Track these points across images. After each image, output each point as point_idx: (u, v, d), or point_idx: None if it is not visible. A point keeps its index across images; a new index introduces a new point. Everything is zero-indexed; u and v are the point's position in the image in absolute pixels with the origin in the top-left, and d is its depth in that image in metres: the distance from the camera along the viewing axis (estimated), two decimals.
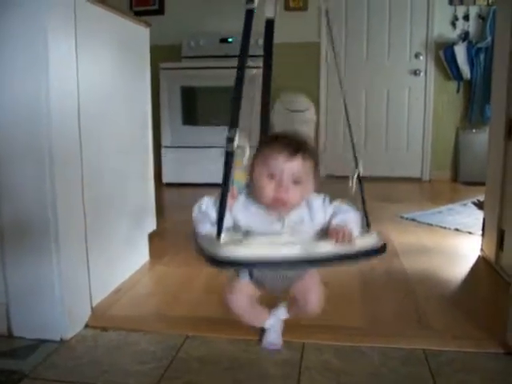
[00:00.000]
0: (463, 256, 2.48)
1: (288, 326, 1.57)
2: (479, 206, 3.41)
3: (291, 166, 1.22)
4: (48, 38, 1.46)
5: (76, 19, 1.61)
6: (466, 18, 4.78)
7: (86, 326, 1.69)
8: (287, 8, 4.98)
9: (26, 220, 1.55)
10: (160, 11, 5.22)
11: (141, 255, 2.31)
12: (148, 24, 2.28)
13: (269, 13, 1.38)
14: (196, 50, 4.97)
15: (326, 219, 1.31)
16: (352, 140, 1.41)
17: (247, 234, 1.28)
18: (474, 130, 4.84)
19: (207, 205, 1.29)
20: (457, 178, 4.96)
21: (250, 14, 1.21)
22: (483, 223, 2.47)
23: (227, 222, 1.23)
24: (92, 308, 1.77)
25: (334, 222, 1.28)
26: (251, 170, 1.30)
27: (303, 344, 1.56)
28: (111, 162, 1.94)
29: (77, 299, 1.67)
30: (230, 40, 4.86)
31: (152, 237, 2.41)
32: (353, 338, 1.60)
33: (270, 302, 1.55)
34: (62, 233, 1.55)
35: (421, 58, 4.98)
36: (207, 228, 1.25)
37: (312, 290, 1.43)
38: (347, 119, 1.40)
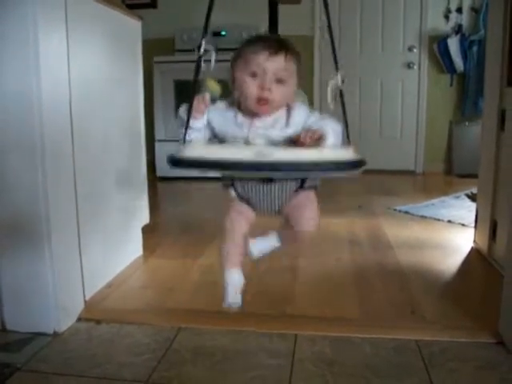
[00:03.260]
0: (456, 248, 2.48)
1: (280, 318, 1.58)
2: (472, 198, 3.42)
3: (274, 64, 1.18)
4: (39, 30, 1.45)
5: (67, 11, 1.60)
6: (459, 10, 4.78)
7: (79, 319, 1.69)
8: (280, 1, 4.96)
9: (18, 214, 1.54)
10: (153, 5, 5.19)
11: (134, 248, 2.31)
12: (140, 17, 2.27)
13: None
14: (189, 43, 4.96)
15: (304, 125, 1.23)
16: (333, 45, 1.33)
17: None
18: (467, 123, 4.85)
19: (183, 110, 1.25)
20: (450, 171, 4.97)
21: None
22: (476, 215, 2.48)
23: (201, 128, 1.23)
24: (85, 301, 1.77)
25: (310, 125, 1.22)
26: (232, 73, 1.25)
27: (296, 335, 1.56)
28: (103, 156, 1.93)
29: (70, 292, 1.67)
30: (222, 33, 4.85)
31: (145, 230, 2.41)
32: (346, 328, 1.61)
33: None
34: (54, 226, 1.55)
35: (414, 50, 4.98)
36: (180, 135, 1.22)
37: (306, 206, 1.32)
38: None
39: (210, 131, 1.26)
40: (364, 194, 3.92)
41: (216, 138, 1.28)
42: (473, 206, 2.74)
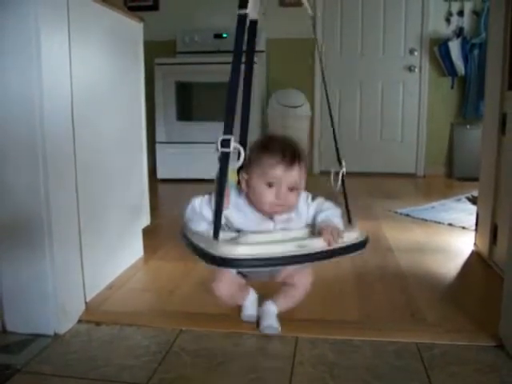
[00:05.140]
0: (457, 251, 2.48)
1: (281, 320, 1.57)
2: (473, 201, 3.42)
3: (290, 176, 1.29)
4: (41, 32, 1.45)
5: (69, 13, 1.60)
6: (461, 13, 4.79)
7: (80, 320, 1.69)
8: (282, 4, 4.97)
9: (19, 215, 1.54)
10: (154, 7, 5.21)
11: (135, 250, 2.31)
12: (141, 19, 2.28)
13: (252, 14, 1.37)
14: (190, 45, 4.97)
15: (309, 214, 1.41)
16: (335, 138, 1.48)
17: (239, 232, 1.32)
18: (468, 126, 4.85)
19: (200, 205, 1.33)
20: (451, 174, 4.97)
21: (242, 18, 1.22)
22: (477, 218, 2.48)
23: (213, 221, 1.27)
24: (86, 303, 1.77)
25: (320, 218, 1.37)
26: (247, 174, 1.34)
27: (297, 338, 1.56)
28: (105, 158, 1.94)
29: (70, 294, 1.67)
30: (224, 35, 4.85)
31: (146, 232, 2.41)
32: (346, 331, 1.60)
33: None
34: (55, 228, 1.55)
35: (415, 53, 4.98)
36: (204, 227, 1.29)
37: (301, 271, 1.49)
38: (330, 114, 1.50)
39: (224, 219, 1.31)
40: (365, 196, 3.92)
41: (229, 224, 1.36)
42: (473, 209, 2.74)
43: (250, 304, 1.61)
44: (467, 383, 1.32)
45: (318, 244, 1.27)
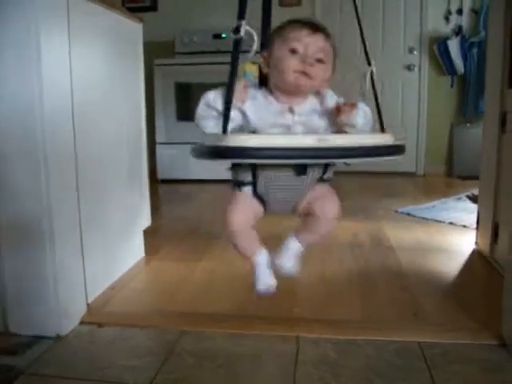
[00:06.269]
0: (458, 250, 2.48)
1: (283, 320, 1.58)
2: (474, 199, 3.42)
3: (315, 41, 1.15)
4: (41, 33, 1.45)
5: (69, 14, 1.60)
6: (460, 12, 4.79)
7: (82, 322, 1.69)
8: (281, 4, 4.97)
9: (20, 216, 1.55)
10: (153, 8, 5.21)
11: (136, 251, 2.31)
12: (140, 19, 2.28)
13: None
14: (189, 45, 4.97)
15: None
16: (363, 41, 1.34)
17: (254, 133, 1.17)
18: (468, 125, 4.85)
19: (215, 98, 1.14)
20: (451, 173, 4.97)
21: (237, 43, 1.08)
22: (478, 217, 2.48)
23: (236, 117, 1.15)
24: (87, 304, 1.77)
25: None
26: (267, 52, 1.21)
27: (298, 337, 1.56)
28: (105, 159, 1.94)
29: (72, 296, 1.67)
30: (223, 36, 4.84)
31: (147, 233, 2.41)
32: (348, 331, 1.61)
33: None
34: (56, 229, 1.55)
35: (415, 52, 4.99)
36: (210, 125, 1.15)
37: (327, 196, 1.29)
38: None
39: (241, 116, 1.18)
40: (365, 195, 3.93)
41: (245, 125, 1.19)
42: (474, 207, 2.74)
43: (262, 267, 1.35)
44: (470, 382, 1.32)
45: (341, 139, 1.09)
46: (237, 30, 1.05)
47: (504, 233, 2.09)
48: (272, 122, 1.18)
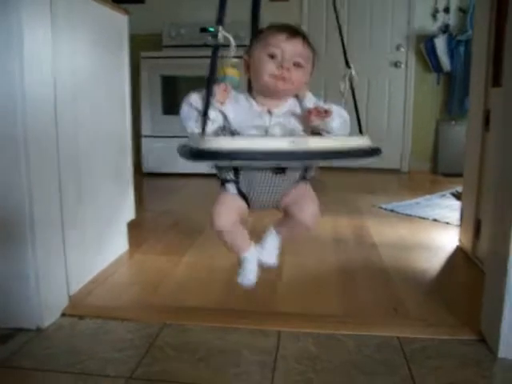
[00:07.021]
0: (441, 246, 2.50)
1: (264, 315, 1.58)
2: (458, 196, 3.44)
3: (293, 46, 1.19)
4: (23, 23, 1.43)
5: (52, 4, 1.58)
6: (447, 10, 4.81)
7: (63, 314, 1.68)
8: None
9: (1, 211, 1.53)
10: (140, 0, 5.16)
11: (119, 244, 2.30)
12: (126, 11, 2.26)
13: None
14: (176, 39, 4.94)
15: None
16: (343, 45, 1.38)
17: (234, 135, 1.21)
18: (453, 122, 4.88)
19: (196, 99, 1.19)
20: (436, 170, 5.00)
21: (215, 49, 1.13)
22: (461, 214, 2.50)
23: (217, 119, 1.18)
24: (69, 297, 1.76)
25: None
26: (248, 55, 1.24)
27: (279, 332, 1.57)
28: (89, 152, 1.92)
29: (53, 288, 1.66)
30: (210, 29, 4.82)
31: (131, 226, 2.40)
32: (329, 325, 1.61)
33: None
34: (37, 221, 1.54)
35: (402, 49, 5.00)
36: (192, 126, 1.18)
37: (306, 196, 1.32)
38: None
39: (222, 118, 1.21)
40: (349, 191, 3.94)
41: (224, 130, 1.22)
42: (458, 204, 2.76)
43: (250, 264, 1.39)
44: (448, 377, 1.34)
45: (315, 142, 1.10)
46: (214, 36, 1.11)
47: (486, 230, 2.11)
48: (250, 123, 1.22)
